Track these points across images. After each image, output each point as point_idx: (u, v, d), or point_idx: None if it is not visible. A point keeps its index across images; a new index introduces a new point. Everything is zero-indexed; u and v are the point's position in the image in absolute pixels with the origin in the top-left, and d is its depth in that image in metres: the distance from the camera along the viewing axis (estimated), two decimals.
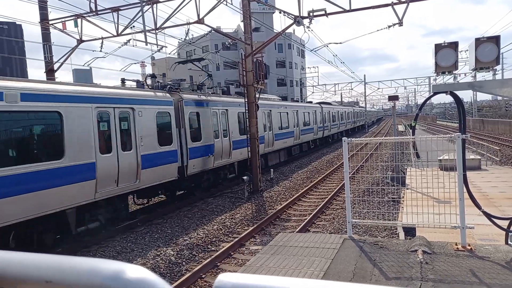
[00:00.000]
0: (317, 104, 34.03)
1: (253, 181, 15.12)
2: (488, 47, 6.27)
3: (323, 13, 13.85)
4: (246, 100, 15.23)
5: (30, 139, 8.57)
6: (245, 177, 14.60)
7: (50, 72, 15.94)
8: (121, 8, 14.36)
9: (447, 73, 6.89)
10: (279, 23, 73.93)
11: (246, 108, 15.21)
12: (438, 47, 6.68)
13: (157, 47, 15.37)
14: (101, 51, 15.70)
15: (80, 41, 15.64)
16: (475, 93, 53.71)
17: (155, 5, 13.71)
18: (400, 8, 13.11)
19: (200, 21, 13.54)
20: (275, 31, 26.86)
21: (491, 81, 9.22)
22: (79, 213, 9.32)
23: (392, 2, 12.97)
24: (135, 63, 20.64)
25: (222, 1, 13.92)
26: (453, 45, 6.70)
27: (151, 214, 12.21)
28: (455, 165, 5.74)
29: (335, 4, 13.62)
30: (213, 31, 17.20)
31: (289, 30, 16.66)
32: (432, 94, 7.40)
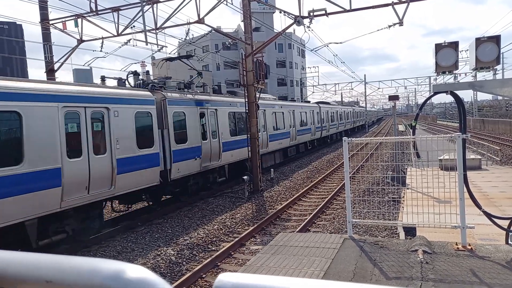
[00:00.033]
0: (315, 103, 33.37)
1: (254, 181, 15.12)
2: (488, 46, 6.27)
3: (324, 13, 13.84)
4: (246, 100, 15.22)
5: None
6: (245, 177, 14.59)
7: (50, 72, 15.96)
8: (122, 8, 14.37)
9: (447, 73, 6.89)
10: (280, 23, 74.15)
11: (246, 107, 15.20)
12: (438, 47, 6.68)
13: (158, 47, 15.38)
14: (101, 51, 15.72)
15: (80, 41, 15.65)
16: (475, 93, 53.76)
17: (155, 5, 13.72)
18: (400, 8, 13.12)
19: (200, 21, 13.54)
20: (275, 31, 26.86)
21: (492, 81, 9.22)
22: (42, 224, 8.43)
23: (392, 1, 12.96)
24: (135, 63, 20.66)
25: (222, 1, 13.92)
26: (454, 45, 6.71)
27: (151, 214, 12.22)
28: (455, 165, 5.73)
29: (335, 4, 13.62)
30: (213, 31, 17.22)
31: (289, 30, 16.67)
32: (432, 94, 7.40)
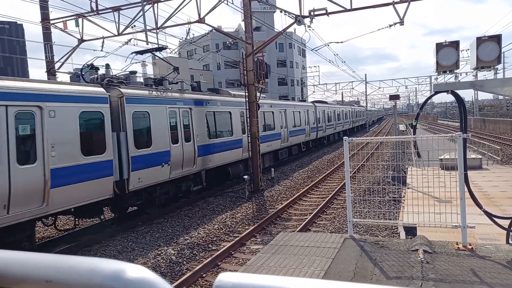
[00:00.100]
0: (310, 102, 32.11)
1: (254, 180, 15.12)
2: (489, 46, 6.26)
3: (324, 12, 13.83)
4: (247, 99, 15.23)
5: None
6: (245, 176, 14.59)
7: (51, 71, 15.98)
8: (122, 7, 14.38)
9: (448, 72, 6.89)
10: (280, 22, 74.17)
11: (247, 107, 15.20)
12: (439, 46, 6.68)
13: (158, 47, 15.37)
14: (102, 50, 15.72)
15: (81, 40, 15.67)
16: (476, 92, 53.71)
17: (156, 5, 13.73)
18: (401, 7, 13.11)
19: (201, 21, 13.54)
20: (276, 30, 26.87)
21: (492, 80, 9.22)
22: None
23: (393, 1, 12.95)
24: (135, 63, 20.65)
25: (223, 0, 13.92)
26: (454, 44, 6.70)
27: (151, 214, 12.22)
28: (456, 164, 5.73)
29: (336, 3, 13.61)
30: (214, 31, 17.22)
31: (290, 29, 16.70)
32: (433, 93, 7.39)
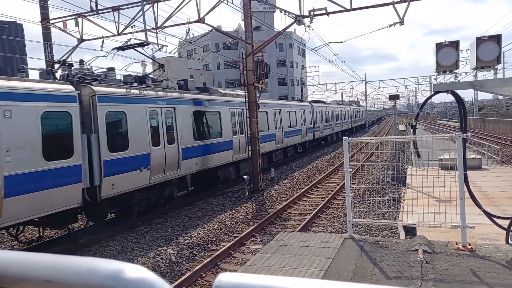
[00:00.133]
0: (307, 102, 31.24)
1: (254, 180, 15.12)
2: (489, 46, 6.26)
3: (324, 12, 13.82)
4: (246, 99, 15.22)
5: None
6: (245, 176, 14.59)
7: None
8: (122, 7, 14.37)
9: (448, 72, 6.89)
10: (280, 22, 74.16)
11: (246, 107, 15.20)
12: (439, 46, 6.68)
13: (158, 46, 15.38)
14: (101, 50, 15.71)
15: (80, 40, 15.65)
16: (476, 92, 53.72)
17: (155, 4, 13.71)
18: (401, 7, 13.10)
19: (200, 20, 13.53)
20: (275, 30, 26.88)
21: (492, 80, 9.23)
22: None
23: (393, 1, 12.94)
24: (135, 62, 20.70)
25: (222, 0, 13.92)
26: (454, 44, 6.70)
27: (151, 213, 12.22)
28: (455, 164, 5.73)
29: (336, 3, 13.60)
30: (213, 30, 17.21)
31: (290, 29, 16.70)
32: (433, 93, 7.40)
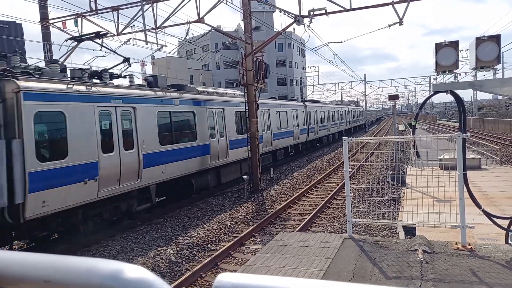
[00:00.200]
0: (300, 102, 29.66)
1: (253, 180, 15.12)
2: (488, 46, 6.27)
3: (324, 12, 13.83)
4: (246, 99, 15.22)
5: None
6: (245, 176, 14.59)
7: None
8: (121, 7, 14.36)
9: (447, 72, 6.90)
10: (280, 22, 74.13)
11: (246, 107, 15.19)
12: (438, 46, 6.69)
13: (157, 46, 15.39)
14: (101, 50, 15.69)
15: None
16: (475, 92, 53.77)
17: (155, 4, 13.71)
18: (400, 7, 13.11)
19: (200, 20, 13.52)
20: (275, 30, 26.90)
21: (492, 80, 9.23)
22: None
23: (392, 1, 12.95)
24: (135, 62, 20.65)
25: (222, 0, 13.91)
26: (454, 44, 6.71)
27: (151, 213, 12.22)
28: (455, 164, 5.73)
29: (335, 3, 13.61)
30: (213, 30, 17.21)
31: (289, 29, 16.70)
32: (432, 93, 7.40)
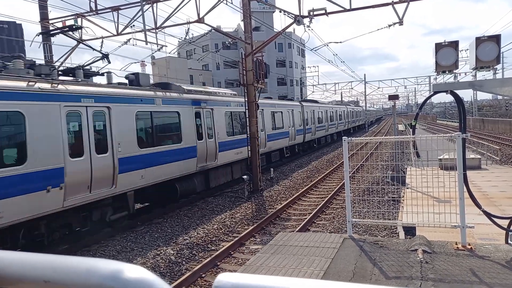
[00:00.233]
0: (296, 102, 29.10)
1: (253, 180, 15.11)
2: (488, 46, 6.27)
3: (323, 12, 13.82)
4: (246, 99, 15.21)
5: None
6: (245, 176, 14.58)
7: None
8: (121, 7, 14.35)
9: (447, 72, 6.90)
10: (279, 22, 74.04)
11: (246, 107, 15.18)
12: (438, 46, 6.69)
13: (157, 47, 15.37)
14: (101, 50, 15.69)
15: (80, 40, 15.63)
16: (475, 92, 53.77)
17: (155, 5, 13.70)
18: (400, 7, 13.10)
19: (200, 21, 13.52)
20: (275, 30, 26.89)
21: (492, 80, 9.24)
22: None
23: (392, 1, 12.94)
24: (135, 63, 20.69)
25: (222, 0, 13.91)
26: (454, 44, 6.71)
27: (151, 213, 12.21)
28: (455, 164, 5.73)
29: (335, 3, 13.60)
30: (213, 30, 17.21)
31: (289, 29, 16.70)
32: (432, 93, 7.40)
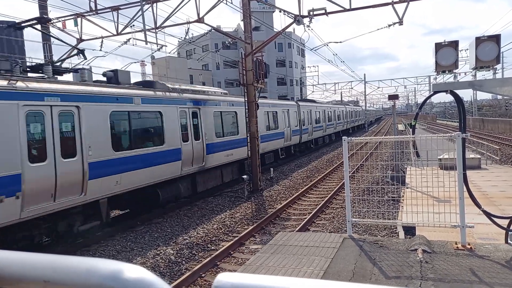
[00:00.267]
0: (292, 101, 28.22)
1: (253, 180, 15.11)
2: (488, 46, 6.27)
3: (323, 12, 13.82)
4: (246, 99, 15.21)
5: None
6: (245, 176, 14.58)
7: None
8: (121, 7, 14.34)
9: (447, 72, 6.90)
10: (279, 22, 73.94)
11: (246, 107, 15.18)
12: (438, 46, 6.69)
13: (157, 46, 15.36)
14: (101, 50, 15.70)
15: (80, 40, 15.62)
16: (475, 92, 53.78)
17: (155, 4, 13.69)
18: (400, 7, 13.09)
19: (200, 20, 13.51)
20: (275, 30, 26.88)
21: (491, 80, 9.24)
22: None
23: (392, 1, 12.94)
24: (135, 62, 20.67)
25: (222, 0, 13.91)
26: (453, 44, 6.71)
27: (151, 213, 12.21)
28: (455, 164, 5.73)
29: (335, 3, 13.59)
30: (213, 30, 17.20)
31: (289, 29, 16.69)
32: (432, 93, 7.39)
